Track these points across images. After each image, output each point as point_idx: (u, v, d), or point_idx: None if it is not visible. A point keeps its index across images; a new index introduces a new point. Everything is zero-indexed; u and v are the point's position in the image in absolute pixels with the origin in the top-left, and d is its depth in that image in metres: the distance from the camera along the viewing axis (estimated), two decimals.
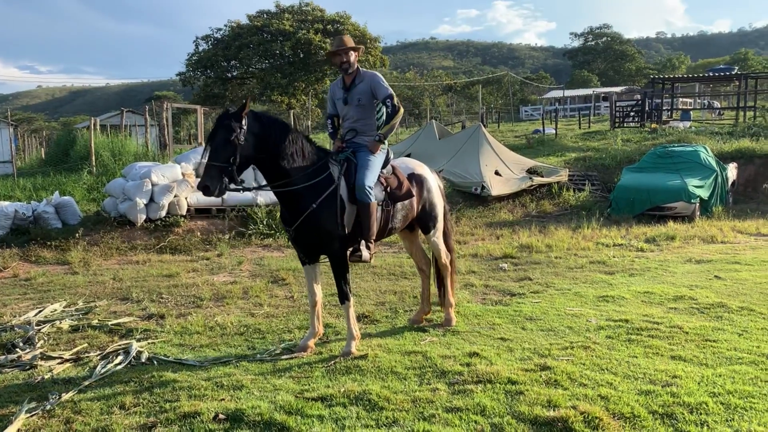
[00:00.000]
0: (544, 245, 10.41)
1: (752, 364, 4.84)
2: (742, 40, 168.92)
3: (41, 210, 11.25)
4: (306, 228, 5.13)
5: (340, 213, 5.18)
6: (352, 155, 5.44)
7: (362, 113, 5.57)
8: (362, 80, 5.56)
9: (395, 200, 5.56)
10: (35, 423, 4.07)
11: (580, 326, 5.98)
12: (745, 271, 8.41)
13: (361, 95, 5.53)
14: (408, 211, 5.76)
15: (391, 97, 5.47)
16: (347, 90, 5.59)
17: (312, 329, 5.56)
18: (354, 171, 5.34)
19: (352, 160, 5.41)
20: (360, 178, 5.26)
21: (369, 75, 5.61)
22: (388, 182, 5.53)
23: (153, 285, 8.23)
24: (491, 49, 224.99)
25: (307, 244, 5.30)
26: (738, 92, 29.60)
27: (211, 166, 4.67)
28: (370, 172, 5.33)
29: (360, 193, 5.23)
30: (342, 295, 5.39)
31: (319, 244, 5.25)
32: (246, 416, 4.03)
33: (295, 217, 5.12)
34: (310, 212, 5.05)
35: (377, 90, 5.51)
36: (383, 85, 5.52)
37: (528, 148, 22.57)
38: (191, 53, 38.44)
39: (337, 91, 5.70)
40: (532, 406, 4.09)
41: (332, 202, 5.14)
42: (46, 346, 5.75)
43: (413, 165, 6.08)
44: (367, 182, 5.25)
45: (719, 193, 14.50)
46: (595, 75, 79.06)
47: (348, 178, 5.31)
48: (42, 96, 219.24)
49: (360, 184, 5.24)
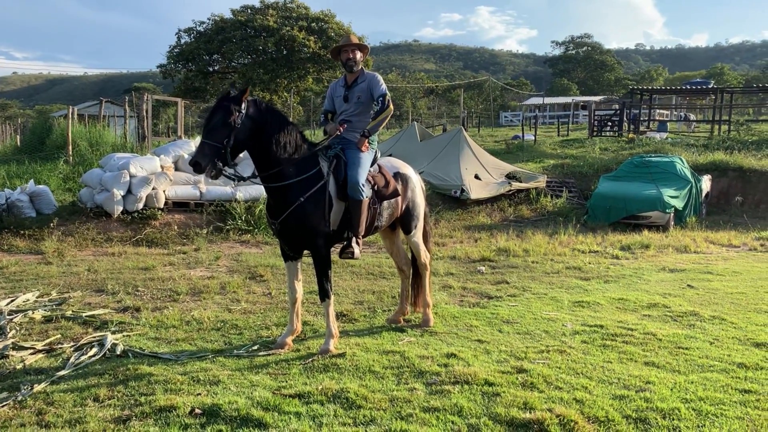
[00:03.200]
0: (522, 249, 10.50)
1: (723, 371, 4.93)
2: (718, 54, 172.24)
3: (15, 198, 11.04)
4: (292, 222, 5.11)
5: (328, 209, 5.19)
6: (342, 152, 5.45)
7: (360, 110, 5.62)
8: (364, 80, 5.63)
9: (382, 198, 5.60)
10: (6, 414, 4.00)
11: (556, 330, 6.05)
12: (716, 281, 8.57)
13: (362, 93, 5.60)
14: (393, 210, 5.81)
15: (384, 95, 5.56)
16: (349, 88, 5.64)
17: (290, 326, 5.54)
18: (343, 168, 5.35)
19: (342, 157, 5.42)
20: (353, 175, 5.29)
21: (370, 75, 5.69)
22: (376, 180, 5.56)
23: (129, 277, 8.14)
24: (473, 53, 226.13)
25: (291, 237, 5.27)
26: (714, 106, 30.14)
27: (205, 144, 4.70)
28: (362, 170, 5.36)
29: (352, 190, 5.26)
30: (323, 292, 5.38)
31: (304, 238, 5.23)
32: (223, 411, 4.01)
33: (282, 210, 5.10)
34: (297, 206, 5.05)
35: (374, 88, 5.57)
36: (380, 84, 5.61)
37: (507, 153, 22.75)
38: (173, 45, 38.04)
39: (338, 88, 5.73)
40: (508, 408, 4.13)
41: (320, 197, 5.15)
42: (18, 336, 5.65)
43: (398, 164, 6.13)
44: (359, 179, 5.28)
45: (693, 204, 14.76)
46: (575, 83, 79.95)
47: (337, 174, 5.32)
48: (17, 83, 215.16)
49: (353, 181, 5.26)
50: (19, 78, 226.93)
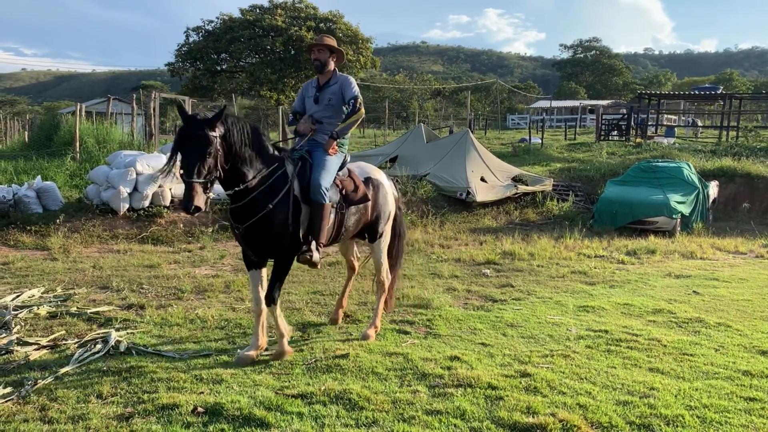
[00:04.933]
0: (527, 253, 10.47)
1: (728, 379, 4.91)
2: (727, 60, 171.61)
3: (22, 194, 11.09)
4: (258, 227, 4.88)
5: (294, 213, 5.00)
6: (308, 154, 5.31)
7: (330, 113, 5.51)
8: (336, 82, 5.54)
9: (350, 203, 5.45)
10: (9, 409, 4.02)
11: (561, 335, 6.03)
12: (722, 287, 8.53)
13: (333, 95, 5.50)
14: (362, 216, 5.64)
15: (355, 98, 5.45)
16: (320, 89, 5.55)
17: (255, 340, 5.18)
18: (309, 170, 5.20)
19: (307, 159, 5.27)
20: (315, 178, 5.13)
21: (342, 77, 5.58)
22: (344, 185, 5.43)
23: (133, 275, 8.16)
24: (481, 56, 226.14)
25: (256, 243, 5.01)
26: (722, 112, 30.02)
27: (193, 185, 4.35)
28: (327, 173, 5.20)
29: (314, 193, 5.09)
30: (271, 298, 5.06)
31: (269, 244, 4.99)
32: (225, 410, 4.01)
33: (248, 216, 4.85)
34: (264, 212, 4.82)
35: (345, 90, 5.47)
36: (353, 87, 5.50)
37: (514, 156, 22.71)
38: (181, 44, 38.09)
39: (310, 89, 5.64)
40: (511, 412, 4.11)
41: (286, 202, 4.95)
42: (23, 331, 5.67)
43: (369, 170, 5.97)
44: (322, 182, 5.11)
45: (700, 210, 14.69)
46: (583, 87, 79.81)
47: (302, 177, 5.14)
48: (26, 79, 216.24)
49: (315, 184, 5.10)
50: (27, 74, 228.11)
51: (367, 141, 32.24)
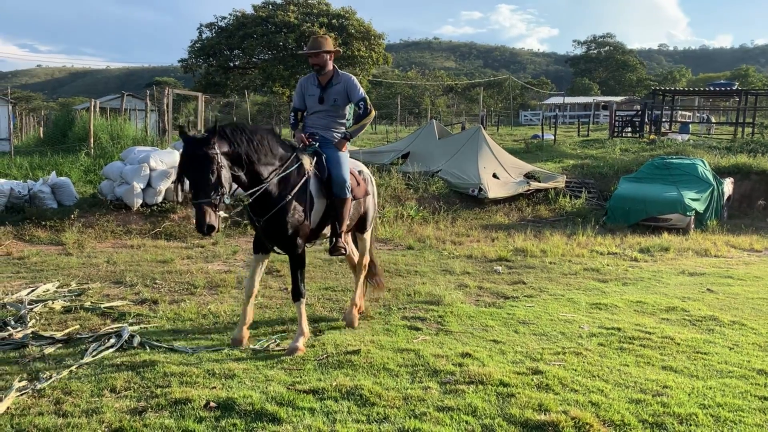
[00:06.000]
0: (539, 250, 10.43)
1: (742, 378, 4.86)
2: (743, 56, 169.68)
3: (37, 189, 11.20)
4: (276, 220, 5.02)
5: (309, 207, 5.15)
6: (320, 150, 5.43)
7: (335, 112, 5.62)
8: (339, 81, 5.58)
9: (355, 198, 5.62)
10: (25, 402, 4.06)
11: (573, 332, 6.00)
12: (737, 285, 8.45)
13: (338, 96, 5.57)
14: (360, 209, 5.84)
15: (364, 99, 5.57)
16: (323, 89, 5.59)
17: (241, 321, 5.40)
18: (325, 165, 5.34)
19: (321, 154, 5.40)
20: (339, 174, 5.30)
21: (345, 77, 5.64)
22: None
23: (147, 270, 8.21)
24: (493, 52, 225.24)
25: (275, 236, 5.16)
26: (738, 108, 29.72)
27: (201, 206, 4.41)
28: (346, 167, 5.39)
29: (339, 188, 5.28)
30: (297, 292, 5.29)
31: (286, 236, 5.10)
32: (237, 405, 4.03)
33: (266, 209, 5.00)
34: (282, 205, 4.97)
35: (352, 92, 5.57)
36: (358, 88, 5.61)
37: (526, 152, 22.60)
38: (194, 40, 38.27)
39: (311, 87, 5.66)
40: (523, 409, 4.10)
41: (303, 195, 5.11)
42: (38, 325, 5.73)
43: (357, 163, 6.11)
44: (347, 177, 5.32)
45: (715, 207, 14.56)
46: (596, 83, 79.27)
47: (319, 172, 5.29)
48: (41, 75, 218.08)
49: (341, 180, 5.29)
50: (43, 71, 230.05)
51: (379, 137, 32.23)
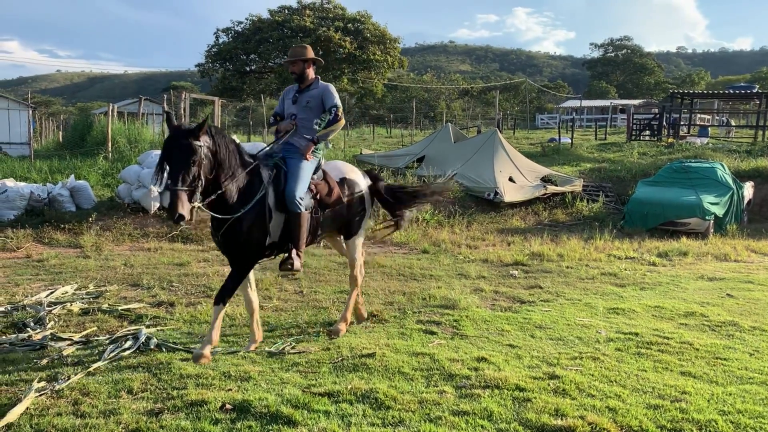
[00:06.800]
0: (556, 254, 10.36)
1: (763, 384, 4.79)
2: (763, 58, 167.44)
3: (56, 193, 11.33)
4: (233, 234, 4.94)
5: (268, 221, 5.05)
6: (282, 161, 5.32)
7: (306, 115, 5.53)
8: (317, 87, 5.59)
9: (325, 207, 5.50)
10: (44, 402, 4.09)
11: (590, 337, 5.95)
12: (757, 290, 8.33)
13: (311, 99, 5.53)
14: (338, 217, 5.72)
15: (337, 107, 5.50)
16: (300, 92, 5.60)
17: (253, 336, 5.42)
18: (283, 178, 5.21)
19: (282, 167, 5.28)
20: (290, 189, 5.14)
21: (324, 85, 5.63)
22: (318, 189, 5.44)
23: (164, 273, 8.27)
24: (509, 55, 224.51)
25: (233, 250, 5.08)
26: (758, 111, 29.34)
27: (177, 193, 4.39)
28: (301, 181, 5.22)
29: (290, 203, 5.12)
30: (220, 298, 5.06)
31: (238, 249, 5.04)
32: (253, 407, 4.03)
33: (224, 221, 4.89)
34: (238, 218, 4.87)
35: (326, 98, 5.52)
36: (334, 96, 5.55)
37: (543, 156, 22.51)
38: (211, 45, 38.61)
39: (291, 92, 5.69)
40: (539, 414, 4.07)
41: (261, 209, 5.00)
42: (57, 327, 5.79)
43: (346, 169, 5.99)
44: (297, 192, 5.13)
45: (734, 211, 14.38)
46: (613, 87, 78.76)
47: (277, 185, 5.16)
48: (60, 80, 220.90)
49: (290, 195, 5.12)
50: (62, 76, 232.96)
51: (394, 141, 32.25)
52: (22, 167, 14.85)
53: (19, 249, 9.35)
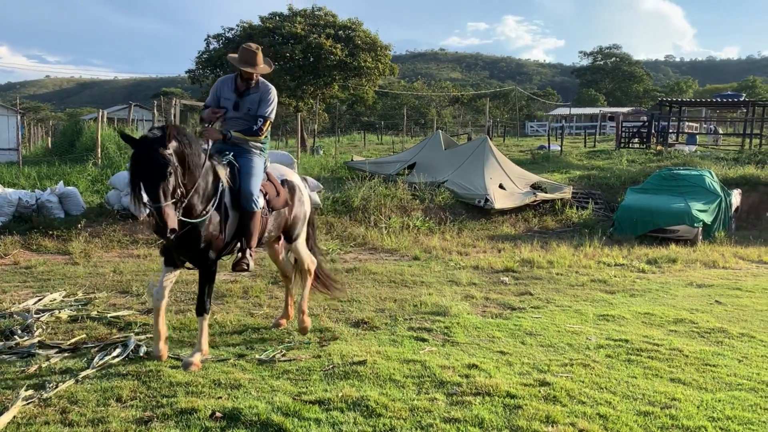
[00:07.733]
0: (546, 261, 10.40)
1: (752, 390, 4.82)
2: (750, 67, 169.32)
3: (45, 199, 11.24)
4: (193, 237, 4.78)
5: (224, 219, 4.94)
6: (234, 159, 5.21)
7: (247, 121, 5.37)
8: (257, 90, 5.40)
9: (273, 209, 5.43)
10: (31, 411, 4.06)
11: (580, 344, 5.97)
12: (746, 297, 8.40)
13: (252, 105, 5.36)
14: (282, 219, 5.65)
15: (265, 119, 5.32)
16: (240, 95, 5.40)
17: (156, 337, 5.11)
18: (237, 176, 5.10)
19: (235, 165, 5.17)
20: (246, 186, 5.06)
21: (265, 87, 5.43)
22: (266, 189, 5.37)
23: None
24: (499, 63, 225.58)
25: (188, 251, 4.94)
26: (745, 119, 29.63)
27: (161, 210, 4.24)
28: (256, 179, 5.16)
29: (247, 201, 5.04)
30: (202, 306, 5.04)
31: (199, 251, 4.89)
32: (243, 416, 4.01)
33: (180, 225, 4.54)
34: (198, 220, 4.72)
35: (261, 105, 5.34)
36: (270, 103, 5.37)
37: (533, 163, 22.60)
38: (202, 51, 38.46)
39: (228, 91, 5.44)
40: (530, 421, 4.07)
41: (218, 209, 4.89)
42: (45, 334, 5.73)
43: (284, 171, 5.94)
44: (254, 190, 5.08)
45: (722, 218, 14.50)
46: (602, 94, 79.21)
47: (232, 183, 5.05)
48: (49, 86, 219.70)
49: (247, 192, 5.05)
50: (51, 81, 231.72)
51: (385, 148, 32.29)
52: (11, 173, 14.72)
53: (6, 256, 9.27)
